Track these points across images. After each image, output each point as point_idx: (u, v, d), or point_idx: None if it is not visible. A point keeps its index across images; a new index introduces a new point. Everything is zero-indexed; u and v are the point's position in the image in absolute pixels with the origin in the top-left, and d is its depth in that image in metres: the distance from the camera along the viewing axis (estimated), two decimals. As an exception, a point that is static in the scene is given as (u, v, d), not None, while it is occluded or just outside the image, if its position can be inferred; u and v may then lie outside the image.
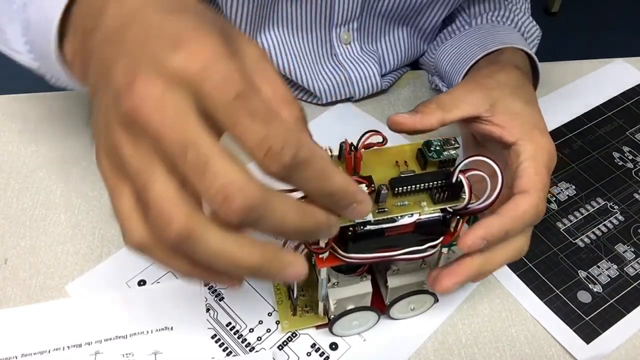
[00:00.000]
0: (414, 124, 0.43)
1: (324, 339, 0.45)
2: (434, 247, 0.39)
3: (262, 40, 0.59)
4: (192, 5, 0.29)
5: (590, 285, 0.49)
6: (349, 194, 0.30)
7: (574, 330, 0.46)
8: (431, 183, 0.37)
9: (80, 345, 0.43)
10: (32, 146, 0.56)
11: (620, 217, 0.54)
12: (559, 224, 0.53)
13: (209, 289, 0.47)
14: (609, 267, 0.50)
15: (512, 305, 0.48)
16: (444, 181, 0.37)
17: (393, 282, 0.43)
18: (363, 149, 0.39)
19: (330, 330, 0.44)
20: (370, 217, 0.36)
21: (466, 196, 0.37)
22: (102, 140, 0.28)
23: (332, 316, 0.43)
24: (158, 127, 0.26)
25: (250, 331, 0.45)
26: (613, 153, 0.59)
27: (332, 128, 0.60)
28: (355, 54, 0.62)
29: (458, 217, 0.39)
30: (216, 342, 0.44)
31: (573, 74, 0.66)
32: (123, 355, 0.43)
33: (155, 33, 0.27)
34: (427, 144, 0.39)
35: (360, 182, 0.36)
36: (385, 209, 0.37)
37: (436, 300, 0.45)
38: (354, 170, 0.38)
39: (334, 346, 0.44)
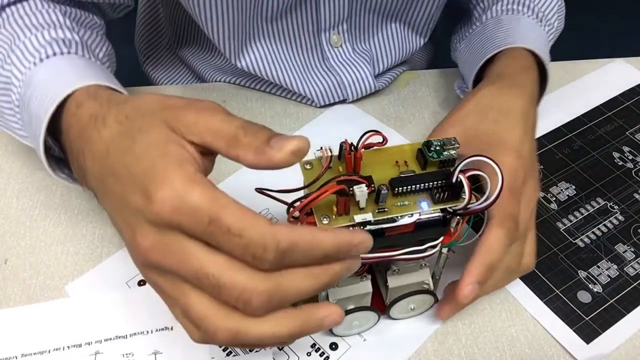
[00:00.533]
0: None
1: (324, 338, 0.45)
2: (434, 247, 0.39)
3: (249, 53, 0.58)
4: (141, 131, 0.32)
5: (590, 285, 0.49)
6: (343, 246, 0.31)
7: (574, 330, 0.46)
8: (431, 183, 0.37)
9: (80, 345, 0.43)
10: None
11: (620, 217, 0.54)
12: (559, 224, 0.53)
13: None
14: (609, 267, 0.50)
15: (512, 305, 0.48)
16: (444, 181, 0.37)
17: (393, 282, 0.43)
18: (363, 149, 0.39)
19: (330, 330, 0.44)
20: (370, 217, 0.36)
21: (466, 196, 0.37)
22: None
23: None
24: (170, 266, 0.31)
25: (250, 331, 0.45)
26: (613, 153, 0.59)
27: (332, 128, 0.60)
28: (346, 56, 0.61)
29: (458, 217, 0.39)
30: (223, 350, 0.44)
31: (573, 74, 0.66)
32: (123, 355, 0.43)
33: (128, 186, 0.32)
34: (428, 144, 0.39)
35: (360, 182, 0.36)
36: (385, 209, 0.37)
37: (436, 300, 0.45)
38: (353, 170, 0.38)
39: (334, 346, 0.44)
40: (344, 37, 0.60)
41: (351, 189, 0.35)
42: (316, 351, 0.44)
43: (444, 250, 0.42)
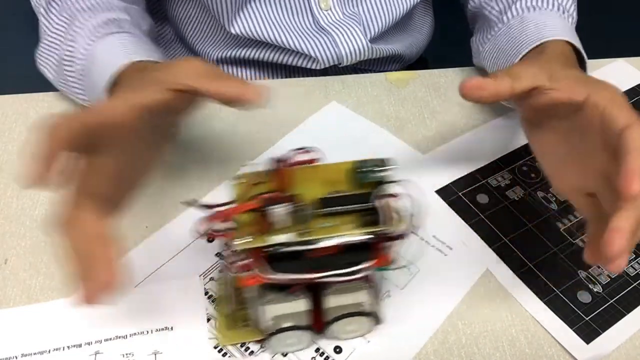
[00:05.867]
0: (485, 86, 0.41)
1: (327, 342, 0.45)
2: (361, 270, 0.37)
3: (245, 14, 0.62)
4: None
5: (590, 285, 0.49)
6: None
7: (574, 330, 0.46)
8: (357, 205, 0.36)
9: (80, 345, 0.43)
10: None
11: (620, 217, 0.53)
12: (559, 224, 0.53)
13: (208, 298, 0.46)
14: (609, 267, 0.50)
15: (512, 305, 0.48)
16: (369, 204, 0.36)
17: (330, 301, 0.41)
18: (295, 165, 0.38)
19: (267, 347, 0.43)
20: (289, 238, 0.35)
21: (387, 220, 0.35)
22: None
23: (268, 333, 0.42)
24: None
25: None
26: (613, 153, 0.59)
27: (325, 130, 0.59)
28: (337, 18, 0.64)
29: (387, 241, 0.37)
30: (219, 351, 0.44)
31: (573, 74, 0.66)
32: (123, 355, 0.43)
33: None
34: (360, 164, 0.38)
35: (281, 201, 0.34)
36: (308, 230, 0.36)
37: (377, 322, 0.44)
38: (282, 186, 0.37)
39: (338, 349, 0.44)
40: (333, 2, 0.63)
41: (269, 208, 0.34)
42: (320, 355, 0.44)
43: (381, 273, 0.40)
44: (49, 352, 0.43)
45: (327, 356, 0.44)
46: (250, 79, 0.70)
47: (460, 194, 0.54)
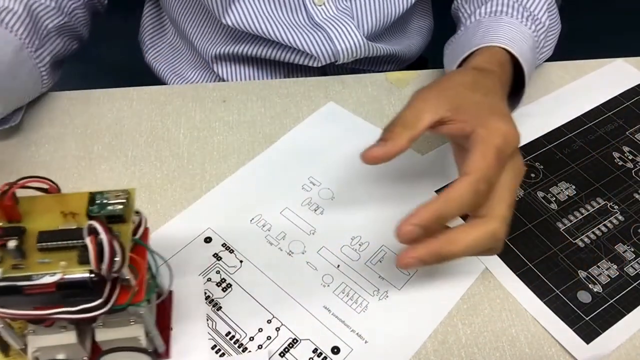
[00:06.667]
0: (387, 154, 0.43)
1: (325, 342, 0.45)
2: (93, 309, 0.35)
3: (237, 10, 0.61)
4: None
5: (590, 285, 0.49)
6: None
7: (574, 330, 0.46)
8: (78, 241, 0.34)
9: (80, 346, 0.43)
10: (32, 146, 0.56)
11: (620, 217, 0.54)
12: (559, 224, 0.53)
13: (206, 298, 0.47)
14: (609, 267, 0.50)
15: (512, 305, 0.48)
16: (83, 241, 0.34)
17: (100, 335, 0.39)
18: (43, 193, 0.37)
19: None
20: None
21: (95, 259, 0.34)
22: None
23: None
24: None
25: (250, 339, 0.45)
26: (613, 153, 0.59)
27: (318, 132, 0.59)
28: (331, 14, 0.64)
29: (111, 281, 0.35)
30: (216, 352, 0.44)
31: (573, 74, 0.66)
32: (123, 355, 0.43)
33: None
34: (94, 196, 0.37)
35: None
36: (22, 265, 0.34)
37: (156, 358, 0.42)
38: (9, 217, 0.35)
39: (335, 350, 0.44)
40: None
41: None
42: (318, 356, 0.44)
43: (142, 308, 0.38)
44: (49, 352, 0.43)
45: (324, 356, 0.44)
46: (250, 78, 0.70)
47: (460, 194, 0.54)
